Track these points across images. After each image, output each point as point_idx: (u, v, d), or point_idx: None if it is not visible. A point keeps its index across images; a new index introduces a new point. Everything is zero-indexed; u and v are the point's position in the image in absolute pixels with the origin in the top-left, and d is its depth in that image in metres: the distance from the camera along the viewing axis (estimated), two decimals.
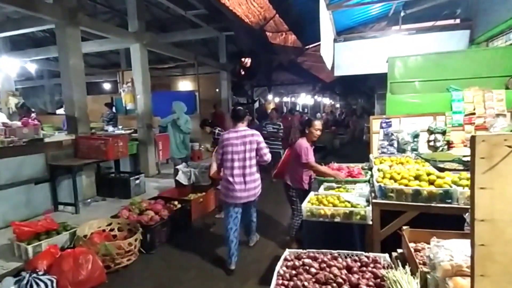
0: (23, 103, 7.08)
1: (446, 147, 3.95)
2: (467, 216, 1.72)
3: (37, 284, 2.64)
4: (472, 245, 0.97)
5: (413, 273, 1.51)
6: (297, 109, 20.32)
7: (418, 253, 1.74)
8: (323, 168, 3.52)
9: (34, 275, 2.70)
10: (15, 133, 4.36)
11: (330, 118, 17.12)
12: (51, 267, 2.93)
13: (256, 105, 15.50)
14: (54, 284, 2.73)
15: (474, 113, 3.86)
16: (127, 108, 8.60)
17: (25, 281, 2.63)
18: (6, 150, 4.13)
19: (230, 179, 3.20)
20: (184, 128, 5.64)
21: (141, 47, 6.76)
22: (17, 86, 10.52)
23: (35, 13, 4.64)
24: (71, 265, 2.88)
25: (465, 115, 3.91)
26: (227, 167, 3.25)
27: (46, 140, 4.81)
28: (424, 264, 1.58)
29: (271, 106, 14.48)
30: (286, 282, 1.80)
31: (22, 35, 8.37)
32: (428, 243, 1.67)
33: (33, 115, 5.69)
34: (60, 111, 12.08)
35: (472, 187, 0.94)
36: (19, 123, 4.72)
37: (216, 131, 4.96)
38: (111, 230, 3.81)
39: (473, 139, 0.92)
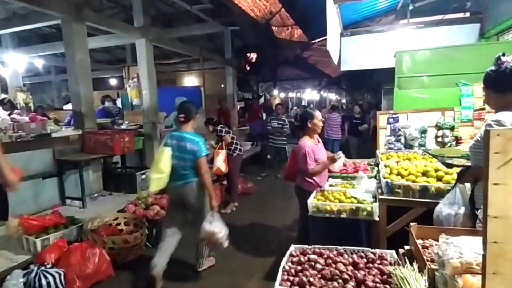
0: (8, 99, 7.15)
1: (454, 143, 3.89)
2: (479, 212, 1.69)
3: (45, 277, 2.67)
4: (484, 243, 0.94)
5: (420, 270, 1.49)
6: (303, 104, 20.22)
7: (426, 250, 1.72)
8: (320, 167, 3.08)
9: (42, 268, 2.74)
10: (23, 128, 4.39)
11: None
12: (59, 260, 2.97)
13: (262, 100, 15.45)
14: (62, 277, 2.77)
15: (483, 108, 3.79)
16: (133, 103, 8.62)
17: (33, 274, 2.67)
18: (14, 145, 4.17)
19: None
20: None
21: (147, 42, 6.74)
22: (25, 82, 10.62)
23: (41, 8, 4.65)
24: (79, 258, 2.92)
25: (475, 110, 3.85)
26: None
27: (54, 135, 4.85)
28: (432, 261, 1.55)
29: (277, 101, 14.45)
30: (291, 278, 1.79)
31: (29, 30, 8.39)
32: (436, 240, 1.65)
33: (16, 111, 5.71)
34: (67, 106, 12.20)
35: (485, 183, 0.91)
36: (26, 118, 4.75)
37: (219, 128, 4.95)
38: (118, 224, 3.85)
39: (487, 133, 0.89)
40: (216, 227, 2.90)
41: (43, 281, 2.65)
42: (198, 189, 2.99)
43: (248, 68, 11.88)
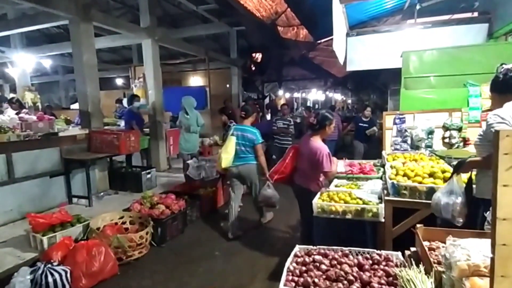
0: (17, 98, 7.25)
1: (461, 144, 3.84)
2: (488, 214, 1.67)
3: (52, 275, 2.70)
4: (493, 245, 0.93)
5: (427, 272, 1.47)
6: (308, 104, 20.19)
7: (432, 252, 1.70)
8: (335, 169, 3.22)
9: (49, 265, 2.77)
10: (31, 127, 4.45)
11: (341, 114, 16.94)
12: (65, 258, 2.99)
13: (267, 100, 15.45)
14: (68, 275, 2.79)
15: (491, 109, 3.73)
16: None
17: (40, 271, 2.70)
18: (22, 144, 4.23)
19: None
20: (193, 129, 5.61)
21: (153, 42, 6.79)
22: (33, 82, 10.76)
23: (50, 9, 4.71)
24: (85, 256, 2.94)
25: (483, 111, 3.79)
26: None
27: (61, 134, 4.91)
28: (439, 263, 1.54)
29: (282, 101, 14.43)
30: (296, 278, 1.78)
31: (37, 31, 8.53)
32: (443, 242, 1.63)
33: (24, 110, 5.78)
34: (74, 106, 12.33)
35: (494, 184, 0.90)
36: (34, 118, 4.81)
37: (232, 125, 4.90)
38: (123, 223, 3.87)
39: (496, 134, 0.87)
40: (271, 193, 3.86)
41: (50, 279, 2.68)
42: (252, 168, 4.00)
43: (253, 68, 11.88)
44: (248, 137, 3.93)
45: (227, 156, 3.90)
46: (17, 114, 5.06)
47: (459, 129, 3.84)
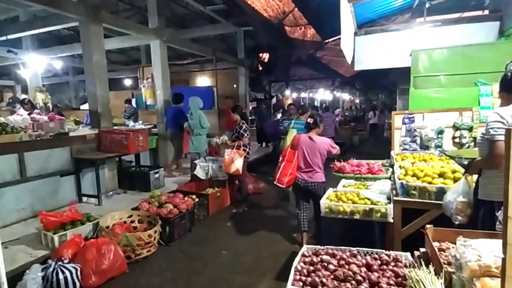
0: (29, 99, 7.39)
1: (472, 144, 3.78)
2: (499, 214, 1.65)
3: (63, 272, 2.75)
4: (504, 245, 0.92)
5: (437, 273, 1.46)
6: (315, 104, 20.09)
7: (442, 252, 1.68)
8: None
9: (60, 263, 2.82)
10: (42, 127, 4.53)
11: (349, 114, 16.83)
12: (76, 255, 3.04)
13: (274, 100, 15.43)
14: (78, 272, 2.84)
15: None
16: (147, 103, 8.77)
17: (51, 269, 2.75)
18: (34, 144, 4.31)
19: None
20: (196, 132, 5.63)
21: (161, 43, 6.84)
22: (44, 82, 10.93)
23: (60, 11, 4.79)
24: (94, 254, 2.99)
25: None
26: None
27: (71, 134, 4.98)
28: (449, 264, 1.52)
29: (289, 101, 14.40)
30: (303, 278, 1.78)
31: (48, 33, 8.68)
32: (453, 243, 1.61)
33: (36, 110, 5.88)
34: (84, 106, 12.51)
35: (506, 183, 0.88)
36: (45, 118, 4.90)
37: (244, 126, 4.89)
38: (132, 221, 3.91)
39: (508, 132, 0.86)
40: None
41: (60, 276, 2.72)
42: None
43: (260, 68, 11.88)
44: (303, 128, 4.68)
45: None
46: (29, 114, 5.17)
47: (470, 129, 3.79)
